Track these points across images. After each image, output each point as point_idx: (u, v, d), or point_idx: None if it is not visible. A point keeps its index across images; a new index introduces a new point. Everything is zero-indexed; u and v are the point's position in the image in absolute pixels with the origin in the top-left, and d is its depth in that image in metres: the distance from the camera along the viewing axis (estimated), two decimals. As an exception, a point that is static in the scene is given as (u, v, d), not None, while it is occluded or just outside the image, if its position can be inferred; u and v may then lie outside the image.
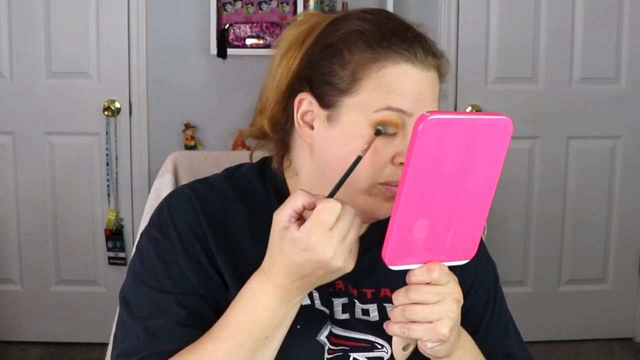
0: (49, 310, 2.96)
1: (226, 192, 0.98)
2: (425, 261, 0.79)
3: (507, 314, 1.08)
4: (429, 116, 0.69)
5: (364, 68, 0.90)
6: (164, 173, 1.33)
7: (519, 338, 1.08)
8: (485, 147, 0.72)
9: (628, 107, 2.99)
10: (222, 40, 2.76)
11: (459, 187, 0.73)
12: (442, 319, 0.78)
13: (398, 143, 0.89)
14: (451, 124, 0.70)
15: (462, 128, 0.70)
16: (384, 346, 0.95)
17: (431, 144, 0.70)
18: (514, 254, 3.03)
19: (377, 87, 0.89)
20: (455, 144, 0.71)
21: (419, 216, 0.74)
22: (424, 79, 0.91)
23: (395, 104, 0.88)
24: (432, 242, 0.77)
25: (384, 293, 0.98)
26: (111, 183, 2.91)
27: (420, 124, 0.69)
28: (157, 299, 0.90)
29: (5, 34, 2.82)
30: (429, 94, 0.91)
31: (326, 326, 0.94)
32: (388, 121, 0.88)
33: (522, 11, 2.91)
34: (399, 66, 0.89)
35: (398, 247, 0.76)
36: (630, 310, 3.12)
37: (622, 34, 2.94)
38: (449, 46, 2.90)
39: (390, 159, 0.89)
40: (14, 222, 2.93)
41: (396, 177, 0.88)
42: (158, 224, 0.95)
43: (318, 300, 0.95)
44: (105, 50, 2.86)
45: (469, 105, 2.94)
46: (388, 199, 0.90)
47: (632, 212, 3.04)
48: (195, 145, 2.86)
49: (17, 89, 2.86)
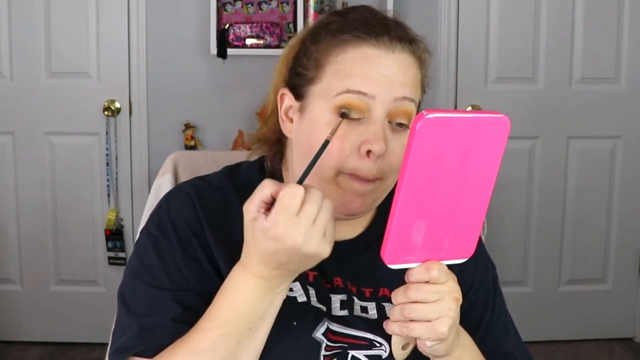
0: (49, 310, 2.96)
1: (225, 189, 0.99)
2: (424, 260, 0.79)
3: (506, 313, 1.08)
4: (427, 115, 0.69)
5: (326, 55, 0.91)
6: (164, 173, 1.33)
7: (518, 338, 1.08)
8: (484, 145, 0.72)
9: (628, 107, 2.99)
10: (222, 40, 2.76)
11: (457, 185, 0.73)
12: (441, 317, 0.79)
13: (364, 130, 0.89)
14: (449, 122, 0.70)
15: (460, 126, 0.70)
16: (382, 344, 0.95)
17: (429, 142, 0.70)
18: (513, 254, 3.02)
19: (338, 71, 0.90)
20: (453, 142, 0.71)
21: (418, 215, 0.74)
22: (389, 61, 0.89)
23: (355, 87, 0.88)
24: (431, 240, 0.77)
25: (382, 293, 0.98)
26: (111, 183, 2.91)
27: (418, 122, 0.69)
28: (153, 295, 0.90)
29: (5, 34, 2.82)
30: (396, 77, 0.89)
31: (322, 323, 0.94)
32: (349, 104, 0.88)
33: (522, 11, 2.91)
34: (360, 49, 0.89)
35: (397, 246, 0.76)
36: (630, 310, 3.12)
37: (622, 34, 2.94)
38: (449, 46, 2.90)
39: (357, 147, 0.89)
40: (14, 222, 2.93)
41: (363, 169, 0.89)
42: (157, 222, 0.96)
43: (314, 297, 0.95)
44: (105, 50, 2.86)
45: (469, 105, 2.94)
46: (358, 195, 0.90)
47: (632, 212, 3.04)
48: (195, 145, 2.86)
49: (17, 89, 2.86)
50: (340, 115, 0.88)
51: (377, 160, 0.88)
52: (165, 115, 2.91)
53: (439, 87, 2.92)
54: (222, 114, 2.89)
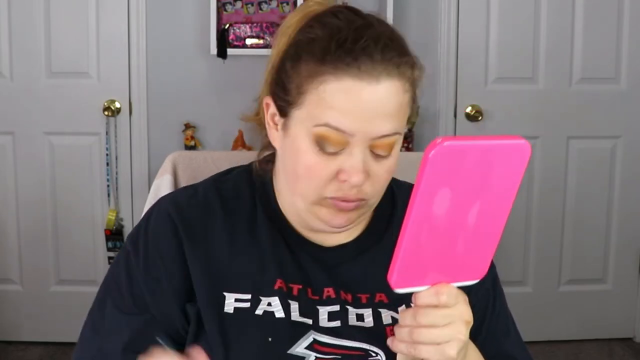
0: (49, 310, 2.95)
1: (209, 199, 0.99)
2: (433, 282, 0.75)
3: (507, 313, 1.07)
4: (441, 143, 0.66)
5: (308, 81, 0.87)
6: (164, 173, 1.33)
7: (519, 338, 1.08)
8: (501, 171, 0.70)
9: (628, 107, 2.98)
10: (222, 40, 2.75)
11: (471, 209, 0.71)
12: (451, 341, 0.76)
13: (342, 160, 0.87)
14: (464, 149, 0.67)
15: (476, 153, 0.67)
16: (379, 354, 0.93)
17: (442, 169, 0.67)
18: (514, 254, 3.02)
19: (319, 102, 0.87)
20: (469, 168, 0.68)
21: (428, 239, 0.71)
22: (372, 94, 0.85)
23: (334, 122, 0.85)
24: (441, 263, 0.74)
25: (379, 298, 0.97)
26: (111, 183, 2.91)
27: (432, 150, 0.66)
28: (115, 317, 0.95)
29: (5, 34, 2.82)
30: (379, 110, 0.85)
31: (306, 337, 0.92)
32: (327, 138, 0.86)
33: (522, 11, 2.91)
34: (341, 81, 0.85)
35: (405, 271, 0.73)
36: (630, 310, 3.12)
37: (622, 34, 2.93)
38: (449, 46, 2.90)
39: (335, 175, 0.88)
40: (14, 222, 2.93)
41: (342, 193, 0.88)
42: (134, 237, 0.98)
43: (296, 312, 0.93)
44: (105, 50, 2.85)
45: (469, 105, 2.93)
46: (342, 212, 0.90)
47: (632, 212, 3.04)
48: (195, 145, 2.86)
49: (17, 89, 2.85)
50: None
51: (360, 185, 0.88)
52: (165, 115, 2.91)
53: (439, 87, 2.92)
54: (222, 114, 2.88)
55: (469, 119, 2.94)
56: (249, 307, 0.93)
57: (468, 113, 2.93)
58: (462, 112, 2.94)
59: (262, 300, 0.93)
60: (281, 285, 0.94)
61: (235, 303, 0.93)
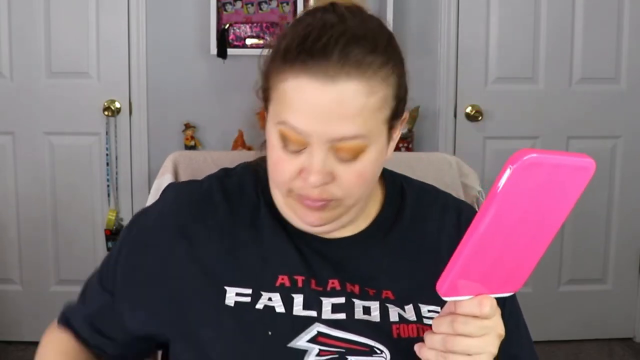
0: (49, 310, 2.95)
1: (212, 194, 1.01)
2: (477, 292, 0.75)
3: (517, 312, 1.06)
4: (526, 155, 0.64)
5: (274, 79, 0.88)
6: (164, 173, 1.33)
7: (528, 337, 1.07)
8: (564, 188, 0.69)
9: (628, 107, 2.98)
10: (222, 40, 2.75)
11: (529, 225, 0.70)
12: (483, 353, 0.76)
13: (304, 159, 0.87)
14: (544, 163, 0.65)
15: (550, 168, 0.66)
16: (384, 352, 0.92)
17: (519, 184, 0.66)
18: (514, 254, 3.02)
19: (279, 100, 0.87)
20: (539, 183, 0.67)
21: (487, 252, 0.71)
22: (327, 94, 0.83)
23: (291, 122, 0.85)
24: (488, 276, 0.74)
25: (385, 295, 0.96)
26: (111, 183, 2.91)
27: (515, 162, 0.65)
28: (94, 287, 1.08)
29: (5, 34, 2.82)
30: (335, 112, 0.83)
31: (309, 330, 0.92)
32: (287, 136, 0.87)
33: (522, 11, 2.91)
34: (298, 80, 0.84)
35: (457, 281, 0.73)
36: (630, 310, 3.12)
37: (622, 34, 2.93)
38: (449, 46, 2.90)
39: (298, 172, 0.88)
40: (14, 222, 2.93)
41: (305, 191, 0.89)
42: (130, 222, 1.05)
43: (300, 306, 0.93)
44: (105, 50, 2.86)
45: (469, 105, 2.94)
46: (311, 211, 0.91)
47: (632, 212, 3.04)
48: (195, 145, 2.86)
49: (17, 89, 2.86)
50: None
51: (319, 186, 0.88)
52: (165, 115, 2.91)
53: (439, 87, 2.92)
54: (222, 114, 2.89)
55: (469, 119, 2.94)
56: (250, 301, 0.93)
57: (468, 113, 2.93)
58: (462, 112, 2.94)
59: (263, 295, 0.93)
60: (283, 281, 0.94)
61: (236, 297, 0.93)
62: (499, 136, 2.96)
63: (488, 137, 2.96)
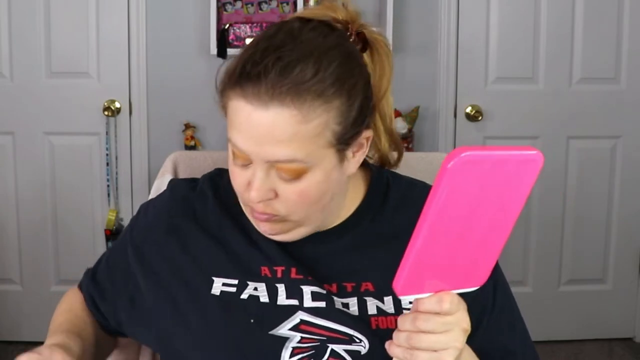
0: (49, 310, 2.93)
1: (204, 190, 1.07)
2: (436, 289, 0.76)
3: (512, 309, 1.06)
4: (461, 153, 0.65)
5: (223, 98, 0.92)
6: (164, 173, 1.33)
7: (524, 334, 1.07)
8: (513, 181, 0.70)
9: (628, 107, 2.98)
10: (222, 40, 2.75)
11: (479, 219, 0.71)
12: (448, 348, 0.77)
13: (249, 174, 0.91)
14: (482, 160, 0.66)
15: (492, 164, 0.67)
16: (362, 340, 0.94)
17: (460, 180, 0.67)
18: (514, 254, 3.02)
19: (228, 117, 0.92)
20: (484, 179, 0.68)
21: (438, 248, 0.72)
22: (260, 118, 0.85)
23: (233, 140, 0.90)
24: (446, 271, 0.74)
25: (365, 287, 0.98)
26: (111, 183, 2.91)
27: (450, 161, 0.65)
28: (107, 261, 1.17)
29: (5, 34, 2.82)
30: (269, 136, 0.85)
31: (292, 319, 0.94)
32: (234, 152, 0.92)
33: (522, 11, 2.91)
34: (238, 102, 0.88)
35: (412, 279, 0.74)
36: (630, 310, 3.12)
37: (622, 34, 2.93)
38: (449, 46, 2.90)
39: (246, 185, 0.92)
40: (14, 222, 2.93)
41: (252, 204, 0.92)
42: (144, 207, 1.16)
43: (283, 296, 0.96)
44: (105, 50, 2.85)
45: (469, 105, 2.94)
46: (262, 221, 0.94)
47: (632, 212, 3.04)
48: (195, 145, 2.86)
49: (17, 89, 2.85)
50: None
51: (261, 203, 0.91)
52: (165, 115, 2.91)
53: (439, 87, 2.92)
54: (222, 114, 2.88)
55: (469, 119, 2.94)
56: (235, 291, 0.97)
57: (468, 113, 2.93)
58: (462, 112, 2.94)
59: (249, 285, 0.97)
60: (266, 272, 0.98)
61: (222, 287, 0.98)
62: (499, 136, 2.96)
63: (488, 137, 2.97)
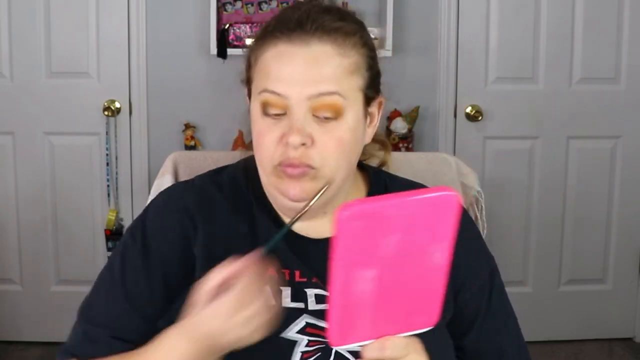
0: (49, 310, 2.95)
1: (205, 188, 1.04)
2: (379, 335, 0.72)
3: (507, 310, 1.06)
4: (346, 208, 0.65)
5: (254, 55, 0.96)
6: (164, 173, 1.33)
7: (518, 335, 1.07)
8: (428, 223, 0.67)
9: (628, 107, 2.98)
10: (222, 40, 2.75)
11: (403, 263, 0.69)
12: None
13: (285, 124, 0.92)
14: (373, 211, 0.65)
15: (390, 211, 0.66)
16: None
17: (355, 231, 0.65)
18: (514, 254, 3.02)
19: (260, 71, 0.94)
20: (387, 225, 0.66)
21: (360, 296, 0.69)
22: (302, 57, 0.91)
23: (270, 87, 0.92)
24: (382, 317, 0.72)
25: None
26: (111, 183, 2.91)
27: (339, 215, 0.65)
28: (106, 306, 1.00)
29: (5, 34, 2.82)
30: (312, 71, 0.91)
31: (298, 322, 0.94)
32: (268, 102, 0.92)
33: (522, 11, 2.91)
34: (276, 48, 0.93)
35: (342, 328, 0.71)
36: (630, 310, 3.12)
37: (622, 34, 2.93)
38: (449, 46, 2.90)
39: (280, 138, 0.92)
40: (14, 222, 2.93)
41: (288, 155, 0.92)
42: (133, 230, 1.02)
43: (288, 298, 0.96)
44: (105, 50, 2.85)
45: (469, 105, 2.93)
46: (292, 178, 0.93)
47: (632, 212, 3.04)
48: (195, 145, 2.86)
49: (17, 89, 2.85)
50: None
51: (299, 149, 0.91)
52: (165, 115, 2.91)
53: (439, 87, 2.92)
54: (222, 114, 2.88)
55: (469, 119, 2.94)
56: None
57: (468, 113, 2.93)
58: (462, 112, 2.94)
59: None
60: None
61: None
62: (498, 136, 2.96)
63: (488, 137, 2.96)
